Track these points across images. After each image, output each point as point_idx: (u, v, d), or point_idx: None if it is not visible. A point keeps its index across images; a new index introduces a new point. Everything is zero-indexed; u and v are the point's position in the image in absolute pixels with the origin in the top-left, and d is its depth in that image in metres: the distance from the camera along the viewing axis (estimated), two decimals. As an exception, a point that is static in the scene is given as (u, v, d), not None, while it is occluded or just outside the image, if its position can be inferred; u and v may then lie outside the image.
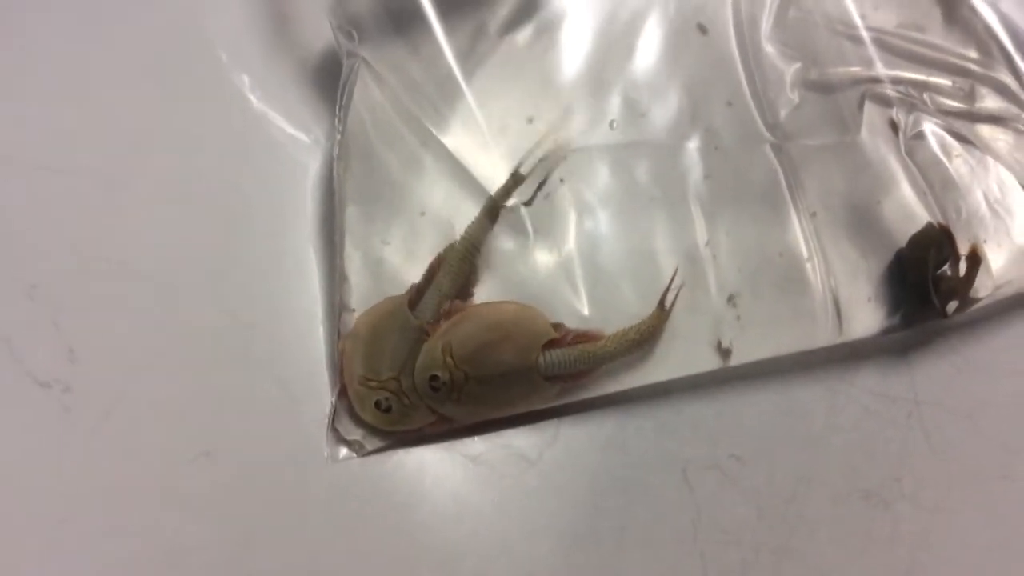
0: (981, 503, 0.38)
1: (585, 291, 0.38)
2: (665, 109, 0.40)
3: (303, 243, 0.40)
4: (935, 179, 0.40)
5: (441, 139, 0.38)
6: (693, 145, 0.39)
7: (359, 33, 0.38)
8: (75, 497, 0.36)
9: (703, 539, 0.37)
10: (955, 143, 0.40)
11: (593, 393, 0.38)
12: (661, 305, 0.37)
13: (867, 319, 0.39)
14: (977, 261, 0.38)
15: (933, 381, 0.39)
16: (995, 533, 0.38)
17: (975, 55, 0.42)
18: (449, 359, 0.36)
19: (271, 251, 0.39)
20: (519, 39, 0.40)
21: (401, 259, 0.38)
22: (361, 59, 0.38)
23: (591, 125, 0.39)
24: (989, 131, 0.41)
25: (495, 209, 0.38)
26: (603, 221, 0.39)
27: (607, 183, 0.39)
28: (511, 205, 0.38)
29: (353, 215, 0.38)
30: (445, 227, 0.38)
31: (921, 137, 0.40)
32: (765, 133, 0.40)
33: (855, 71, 0.41)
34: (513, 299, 0.37)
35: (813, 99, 0.41)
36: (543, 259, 0.38)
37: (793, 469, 0.38)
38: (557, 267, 0.38)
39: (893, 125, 0.40)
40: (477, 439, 0.38)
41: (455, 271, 0.37)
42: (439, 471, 0.38)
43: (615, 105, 0.40)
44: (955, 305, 0.38)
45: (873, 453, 0.38)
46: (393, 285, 0.38)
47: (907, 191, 0.39)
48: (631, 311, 0.38)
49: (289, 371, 0.38)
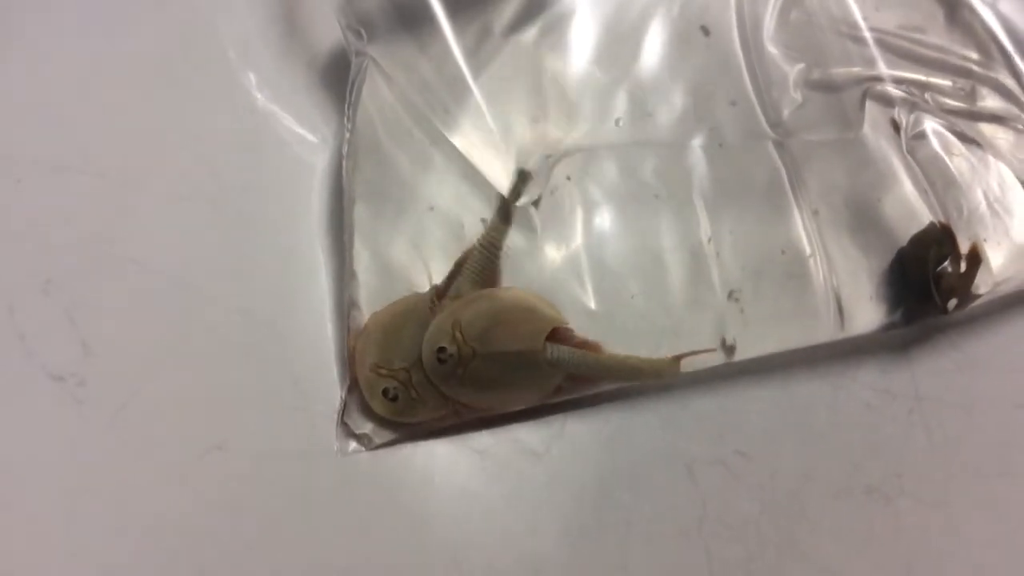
0: (981, 498, 0.38)
1: (592, 286, 0.38)
2: (670, 108, 0.40)
3: (311, 241, 0.40)
4: (936, 177, 0.40)
5: (450, 137, 0.39)
6: (697, 143, 0.40)
7: (368, 32, 0.39)
8: (88, 490, 0.37)
9: (708, 533, 0.38)
10: (956, 142, 0.41)
11: (599, 388, 0.38)
12: (677, 359, 0.38)
13: (868, 315, 0.39)
14: (977, 259, 0.39)
15: (934, 377, 0.40)
16: (995, 528, 0.38)
17: (975, 56, 0.43)
18: (459, 334, 0.36)
19: (280, 248, 0.40)
20: (525, 39, 0.41)
21: (409, 257, 0.39)
22: (370, 58, 0.39)
23: (597, 124, 0.40)
24: (990, 130, 0.41)
25: (508, 210, 0.38)
26: (609, 218, 0.39)
27: (613, 181, 0.39)
28: (520, 203, 0.38)
29: (362, 213, 0.39)
30: (454, 225, 0.39)
31: (922, 136, 0.41)
32: (768, 131, 0.40)
33: (857, 71, 0.41)
34: (523, 292, 0.38)
35: (816, 98, 0.41)
36: (551, 255, 0.38)
37: (796, 464, 0.39)
38: (564, 263, 0.38)
39: (895, 124, 0.41)
40: (485, 433, 0.38)
41: (476, 274, 0.38)
42: (447, 465, 0.38)
43: (621, 104, 0.40)
44: (955, 302, 0.38)
45: (875, 448, 0.39)
46: (401, 282, 0.38)
47: (908, 189, 0.40)
48: (637, 305, 0.38)
49: (299, 366, 0.38)
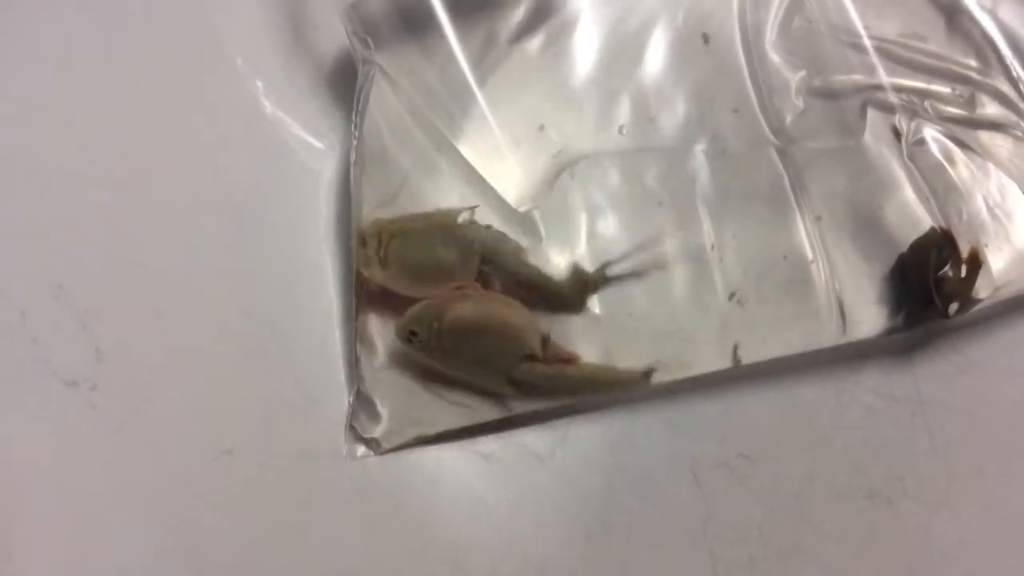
0: (983, 501, 0.39)
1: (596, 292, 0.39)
2: (673, 115, 0.41)
3: (319, 246, 0.41)
4: (937, 184, 0.40)
5: (455, 144, 0.39)
6: (700, 150, 0.40)
7: (374, 39, 0.39)
8: (100, 493, 0.37)
9: (712, 536, 0.38)
10: (956, 149, 0.41)
11: (601, 393, 0.39)
12: (648, 372, 0.38)
13: (871, 320, 0.39)
14: (978, 263, 0.39)
15: (936, 381, 0.40)
16: (996, 530, 0.39)
17: (975, 64, 0.43)
18: (436, 325, 0.37)
19: (288, 254, 0.40)
20: (530, 47, 0.41)
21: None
22: (376, 66, 0.39)
23: (601, 130, 0.40)
24: (989, 137, 0.42)
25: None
26: (613, 223, 0.39)
27: (617, 187, 0.40)
28: (524, 209, 0.39)
29: (369, 218, 0.39)
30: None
31: (923, 143, 0.41)
32: (771, 138, 0.41)
33: (858, 79, 0.42)
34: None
35: (817, 105, 0.41)
36: (556, 260, 0.39)
37: (799, 467, 0.39)
38: (569, 268, 0.39)
39: (895, 131, 0.41)
40: (491, 437, 0.39)
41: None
42: (454, 469, 0.38)
43: (624, 111, 0.41)
44: (957, 306, 0.39)
45: (877, 451, 0.39)
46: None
47: (909, 195, 0.40)
48: (641, 310, 0.39)
49: (307, 371, 0.39)
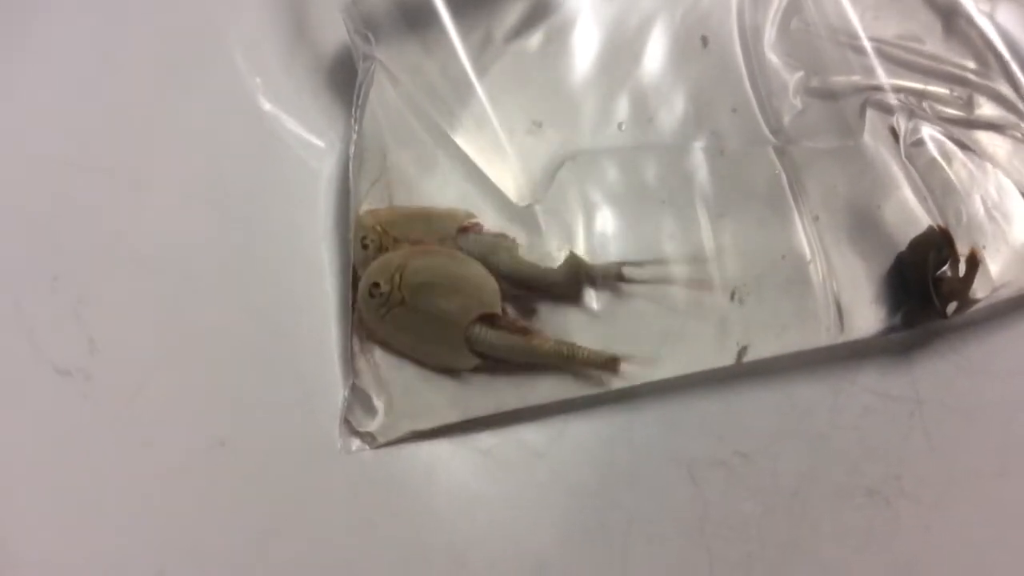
0: (980, 500, 0.39)
1: (594, 288, 0.39)
2: (672, 114, 0.41)
3: (316, 242, 0.41)
4: (935, 184, 0.40)
5: (455, 140, 0.39)
6: (699, 148, 0.40)
7: (374, 36, 0.39)
8: (93, 483, 0.37)
9: (709, 534, 0.38)
10: (955, 149, 0.41)
11: (599, 389, 0.39)
12: (615, 359, 0.38)
13: (868, 319, 0.39)
14: (976, 263, 0.39)
15: (933, 380, 0.40)
16: (994, 529, 0.38)
17: (973, 65, 0.43)
18: (397, 277, 0.37)
19: (285, 249, 0.40)
20: (529, 44, 0.41)
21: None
22: (377, 61, 0.39)
23: (600, 127, 0.40)
24: (987, 138, 0.42)
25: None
26: (612, 221, 0.39)
27: (616, 184, 0.40)
28: (524, 205, 0.39)
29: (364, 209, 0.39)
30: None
31: (921, 143, 0.41)
32: (770, 138, 0.41)
33: (856, 79, 0.42)
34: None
35: (816, 106, 0.41)
36: (556, 255, 0.39)
37: (797, 466, 0.39)
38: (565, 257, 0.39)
39: (893, 131, 0.41)
40: (487, 433, 0.39)
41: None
42: (450, 464, 0.38)
43: (623, 109, 0.41)
44: (955, 306, 0.39)
45: (875, 450, 0.39)
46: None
47: (908, 195, 0.40)
48: (639, 308, 0.39)
49: (303, 365, 0.39)
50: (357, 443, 0.38)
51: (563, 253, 0.39)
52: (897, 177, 0.41)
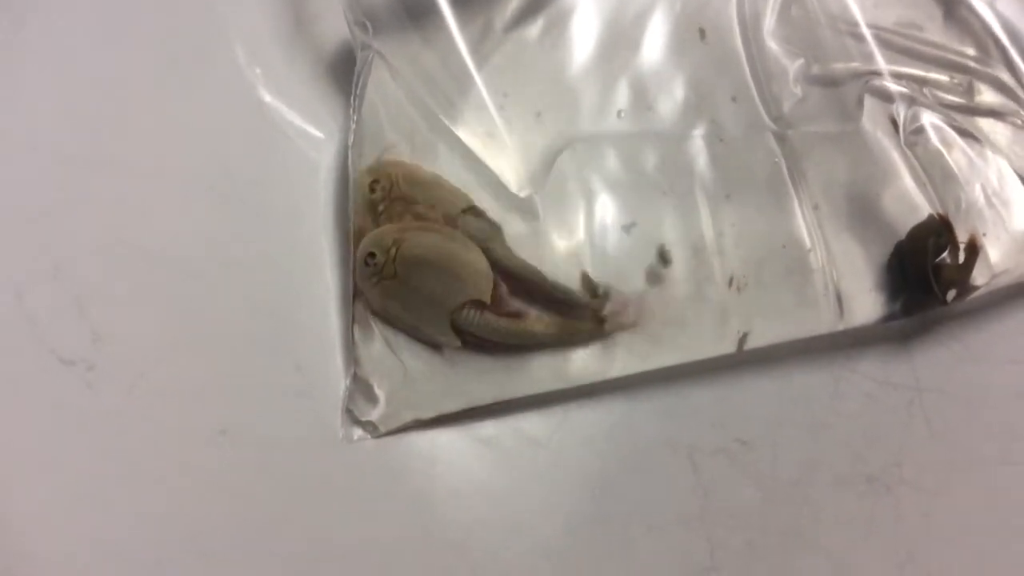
0: (980, 487, 0.39)
1: (595, 276, 0.39)
2: (671, 102, 0.41)
3: (316, 232, 0.41)
4: (935, 171, 0.40)
5: (454, 130, 0.39)
6: (699, 136, 0.40)
7: (373, 25, 0.39)
8: (96, 473, 0.37)
9: (710, 521, 0.38)
10: (955, 136, 0.41)
11: (599, 378, 0.39)
12: (599, 321, 0.38)
13: (868, 307, 0.39)
14: (975, 251, 0.39)
15: (933, 368, 0.40)
16: (993, 516, 0.39)
17: (973, 52, 0.43)
18: (393, 250, 0.37)
19: (286, 239, 0.40)
20: (529, 33, 0.41)
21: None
22: (375, 51, 0.39)
23: (599, 116, 0.40)
24: (987, 125, 0.42)
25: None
26: (611, 209, 0.39)
27: (615, 171, 0.40)
28: (524, 195, 0.39)
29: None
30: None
31: (921, 131, 0.41)
32: (770, 124, 0.41)
33: (856, 66, 0.42)
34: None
35: (816, 93, 0.41)
36: (554, 244, 0.39)
37: (797, 454, 0.39)
38: (568, 252, 0.39)
39: (893, 119, 0.41)
40: (489, 422, 0.39)
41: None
42: (452, 453, 0.38)
43: (622, 97, 0.41)
44: (954, 293, 0.39)
45: (875, 438, 0.39)
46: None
47: (908, 183, 0.40)
48: (640, 296, 0.39)
49: (304, 355, 0.39)
50: (359, 432, 0.38)
51: (564, 243, 0.39)
52: (897, 164, 0.41)
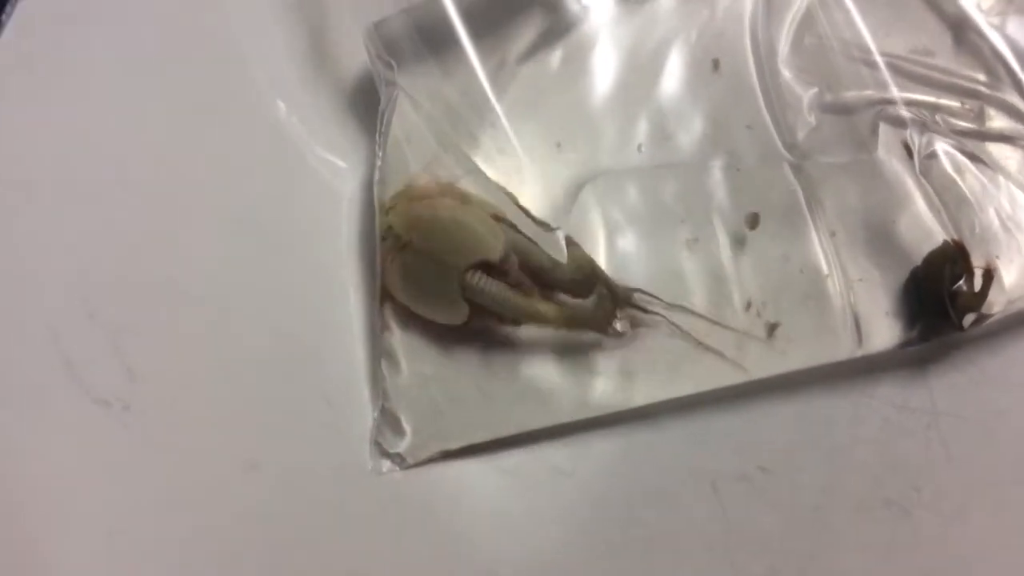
0: (999, 510, 0.39)
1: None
2: (689, 133, 0.41)
3: (341, 264, 0.41)
4: (948, 197, 0.41)
5: (476, 162, 0.40)
6: (716, 167, 0.41)
7: (395, 59, 0.40)
8: (133, 511, 0.38)
9: (733, 548, 0.38)
10: (967, 162, 0.41)
11: (622, 407, 0.39)
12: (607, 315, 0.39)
13: (886, 333, 0.40)
14: (991, 277, 0.39)
15: (951, 392, 0.40)
16: (1012, 539, 0.39)
17: (983, 78, 0.43)
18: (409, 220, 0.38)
19: (312, 272, 0.41)
20: (547, 65, 0.42)
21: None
22: (399, 87, 0.40)
23: (619, 149, 0.41)
24: (999, 150, 0.42)
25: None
26: (632, 240, 0.40)
27: (635, 204, 0.40)
28: (546, 224, 0.39)
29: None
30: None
31: (934, 156, 0.41)
32: (785, 154, 0.41)
33: (869, 94, 0.42)
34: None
35: (830, 121, 0.42)
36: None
37: (817, 479, 0.39)
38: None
39: (907, 146, 0.42)
40: (513, 452, 0.39)
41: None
42: (477, 483, 0.39)
43: (642, 130, 0.41)
44: (971, 319, 0.39)
45: (894, 463, 0.40)
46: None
47: (922, 209, 0.41)
48: (662, 327, 0.39)
49: (332, 387, 0.39)
50: (387, 464, 0.39)
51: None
52: (911, 191, 0.41)
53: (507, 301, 0.38)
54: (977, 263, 0.39)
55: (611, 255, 0.40)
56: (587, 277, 0.39)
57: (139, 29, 0.43)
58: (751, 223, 0.40)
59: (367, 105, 0.41)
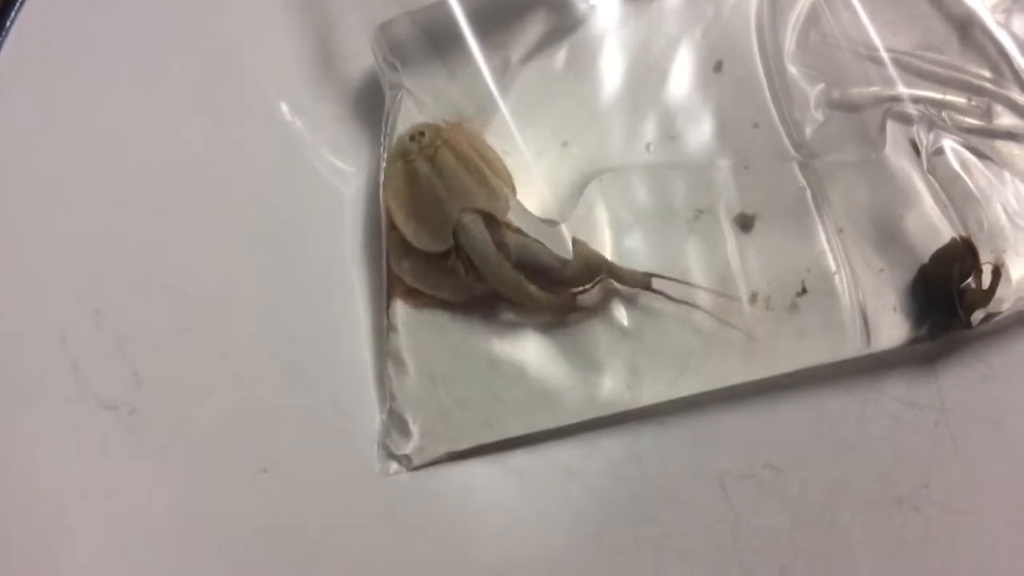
0: (1007, 506, 0.39)
1: (624, 304, 0.39)
2: (697, 131, 0.41)
3: (347, 266, 0.41)
4: (956, 194, 0.41)
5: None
6: (724, 165, 0.41)
7: (401, 61, 0.40)
8: (141, 515, 0.38)
9: (742, 547, 0.38)
10: (974, 159, 0.41)
11: (629, 407, 0.39)
12: (573, 296, 0.39)
13: (894, 330, 0.40)
14: (999, 273, 0.39)
15: (959, 389, 0.40)
16: (1022, 535, 0.39)
17: (989, 74, 0.43)
18: (439, 141, 0.38)
19: (318, 274, 0.41)
20: (553, 64, 0.42)
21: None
22: (404, 89, 0.40)
23: (626, 147, 0.41)
24: (1006, 147, 0.42)
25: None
26: (639, 238, 0.40)
27: (642, 202, 0.40)
28: (551, 221, 0.39)
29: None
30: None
31: (941, 153, 0.41)
32: (792, 152, 0.41)
33: (876, 91, 0.42)
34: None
35: (837, 118, 0.42)
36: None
37: (826, 477, 0.39)
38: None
39: (914, 143, 0.42)
40: (520, 452, 0.39)
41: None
42: (485, 484, 0.39)
43: (649, 128, 0.41)
44: (980, 316, 0.39)
45: (902, 460, 0.39)
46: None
47: (930, 206, 0.41)
48: (666, 324, 0.39)
49: (340, 389, 0.39)
50: (395, 466, 0.39)
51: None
52: (919, 188, 0.41)
53: (489, 258, 0.38)
54: (985, 260, 0.39)
55: (618, 253, 0.40)
56: (594, 271, 0.39)
57: (145, 32, 0.43)
58: (744, 224, 0.40)
59: (372, 107, 0.41)
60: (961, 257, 0.39)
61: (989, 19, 0.43)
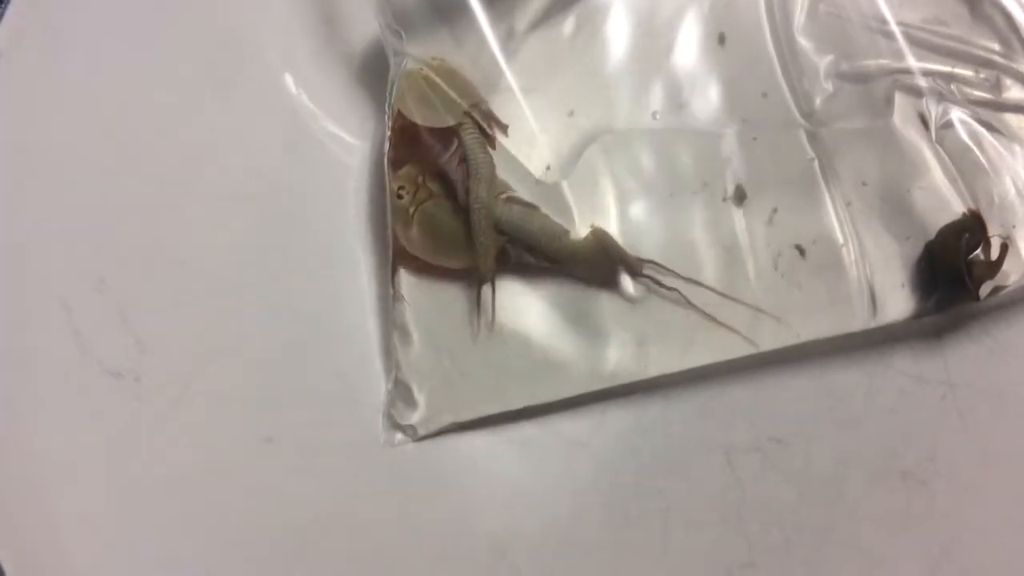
0: (1013, 480, 0.39)
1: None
2: (704, 100, 0.41)
3: (351, 238, 0.41)
4: (965, 166, 0.40)
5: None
6: (731, 134, 0.41)
7: (405, 29, 0.39)
8: (145, 482, 0.38)
9: (747, 519, 0.38)
10: (983, 131, 0.41)
11: (635, 378, 0.39)
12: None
13: (901, 304, 0.40)
14: (1007, 246, 0.39)
15: (966, 363, 0.40)
16: (1028, 509, 0.39)
17: (999, 47, 0.43)
18: (421, 178, 0.38)
19: (322, 245, 0.41)
20: (560, 32, 0.41)
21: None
22: (409, 57, 0.39)
23: (633, 116, 0.40)
24: (1015, 119, 0.42)
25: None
26: (644, 207, 0.40)
27: (646, 167, 0.40)
28: (552, 182, 0.39)
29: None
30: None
31: (950, 126, 0.41)
32: (801, 121, 0.41)
33: (885, 63, 0.42)
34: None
35: (847, 89, 0.41)
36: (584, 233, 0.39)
37: (832, 450, 0.39)
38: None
39: (922, 115, 0.41)
40: (526, 423, 0.39)
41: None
42: (491, 455, 0.39)
43: (656, 97, 0.41)
44: (988, 288, 0.39)
45: (909, 433, 0.39)
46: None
47: (939, 178, 0.40)
48: (673, 296, 0.39)
49: (345, 361, 0.39)
50: (400, 436, 0.39)
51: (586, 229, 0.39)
52: (928, 160, 0.41)
53: (531, 219, 0.38)
54: (993, 232, 0.39)
55: (623, 223, 0.39)
56: (604, 253, 0.39)
57: (146, 3, 0.43)
58: (751, 195, 0.39)
59: (374, 78, 0.41)
60: (970, 229, 0.39)
61: (998, -8, 0.43)
